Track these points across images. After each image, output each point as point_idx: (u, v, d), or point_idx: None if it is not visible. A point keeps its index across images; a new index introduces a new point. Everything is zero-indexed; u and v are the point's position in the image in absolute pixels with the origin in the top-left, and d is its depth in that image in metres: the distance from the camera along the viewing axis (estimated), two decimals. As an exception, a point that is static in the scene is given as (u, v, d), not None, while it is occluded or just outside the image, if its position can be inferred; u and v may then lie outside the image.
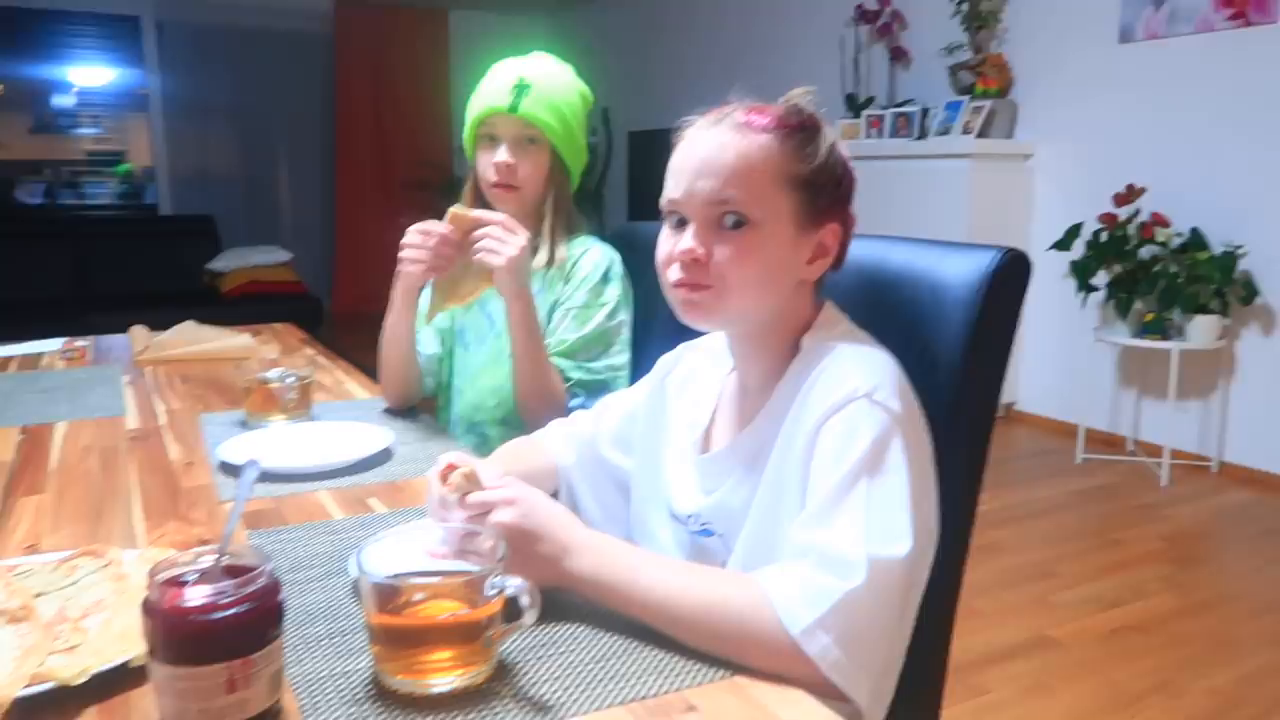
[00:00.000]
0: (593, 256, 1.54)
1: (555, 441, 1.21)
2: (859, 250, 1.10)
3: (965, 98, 4.44)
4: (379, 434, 1.32)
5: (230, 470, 1.21)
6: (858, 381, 0.84)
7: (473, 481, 0.86)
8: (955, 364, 1.00)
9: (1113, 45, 3.95)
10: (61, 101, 6.44)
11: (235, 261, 5.36)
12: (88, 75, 6.40)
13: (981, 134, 4.29)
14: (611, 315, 1.51)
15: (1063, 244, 3.83)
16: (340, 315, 6.30)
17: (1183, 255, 3.57)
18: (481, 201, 1.55)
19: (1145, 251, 3.67)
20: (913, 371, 0.92)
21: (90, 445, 1.35)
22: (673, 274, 0.95)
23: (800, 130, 0.92)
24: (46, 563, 0.86)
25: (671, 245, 0.95)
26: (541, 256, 1.52)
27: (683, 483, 1.04)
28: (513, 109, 1.47)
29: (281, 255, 5.49)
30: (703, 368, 1.10)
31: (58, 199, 6.45)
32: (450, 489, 0.85)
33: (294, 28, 6.47)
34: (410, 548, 0.78)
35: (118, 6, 6.11)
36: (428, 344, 1.62)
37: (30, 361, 1.94)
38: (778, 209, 0.91)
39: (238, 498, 0.73)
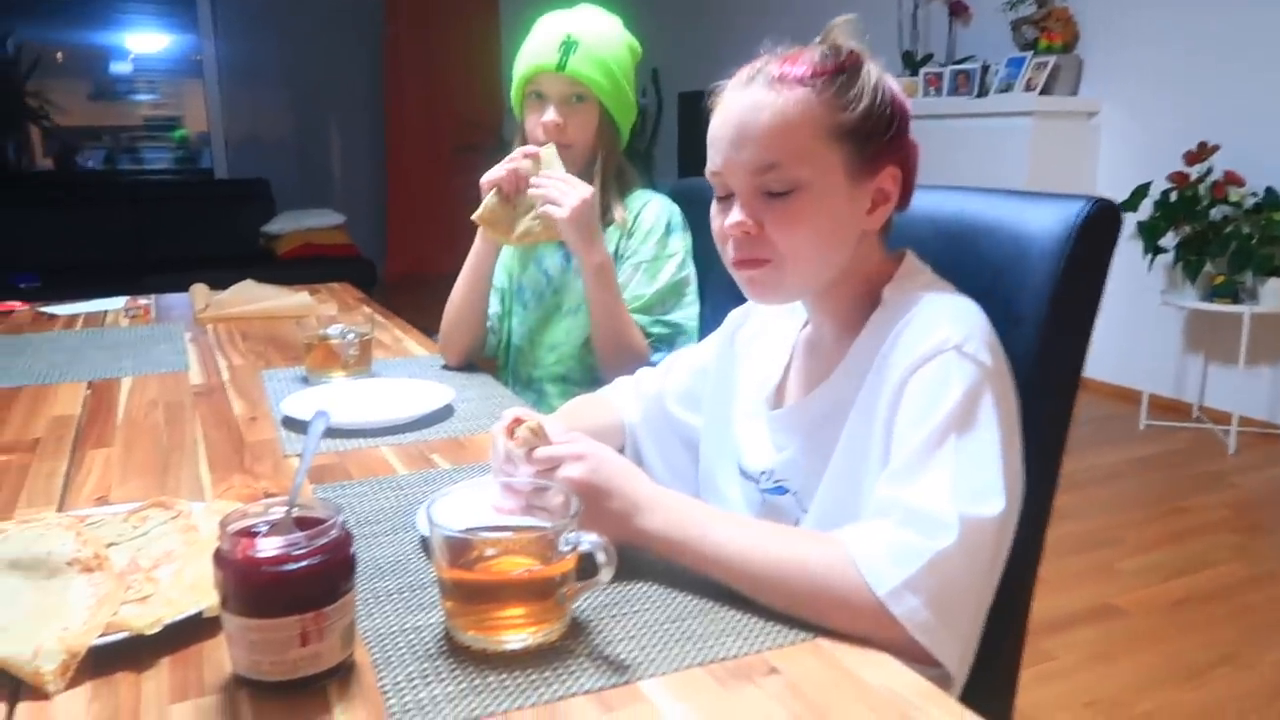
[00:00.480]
0: (653, 209, 1.51)
1: (621, 398, 1.19)
2: (934, 202, 1.06)
3: (1028, 53, 4.29)
4: (440, 391, 1.31)
5: (294, 425, 1.21)
6: (947, 332, 0.80)
7: (539, 436, 0.84)
8: (1039, 320, 0.95)
9: (1186, -4, 3.77)
10: (119, 68, 6.51)
11: (290, 224, 5.41)
12: (144, 42, 6.46)
13: (1045, 91, 4.14)
14: (681, 265, 1.49)
15: (1129, 204, 3.70)
16: (393, 278, 6.34)
17: (1257, 215, 3.43)
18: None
19: (1216, 212, 3.53)
20: (995, 327, 0.88)
21: (155, 400, 1.35)
22: (729, 251, 0.92)
23: (839, 74, 0.86)
24: (116, 514, 0.86)
25: (722, 220, 0.91)
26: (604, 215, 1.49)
27: (754, 439, 1.01)
28: (560, 67, 1.43)
29: (335, 218, 5.53)
30: (774, 322, 1.06)
31: (117, 164, 6.55)
32: (517, 443, 0.83)
33: (344, -10, 6.46)
34: (477, 503, 0.76)
35: (172, -28, 6.15)
36: (495, 302, 1.60)
37: (95, 319, 1.97)
38: (826, 165, 0.86)
39: (306, 449, 0.72)
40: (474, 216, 1.43)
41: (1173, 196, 3.59)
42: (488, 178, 1.43)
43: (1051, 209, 0.98)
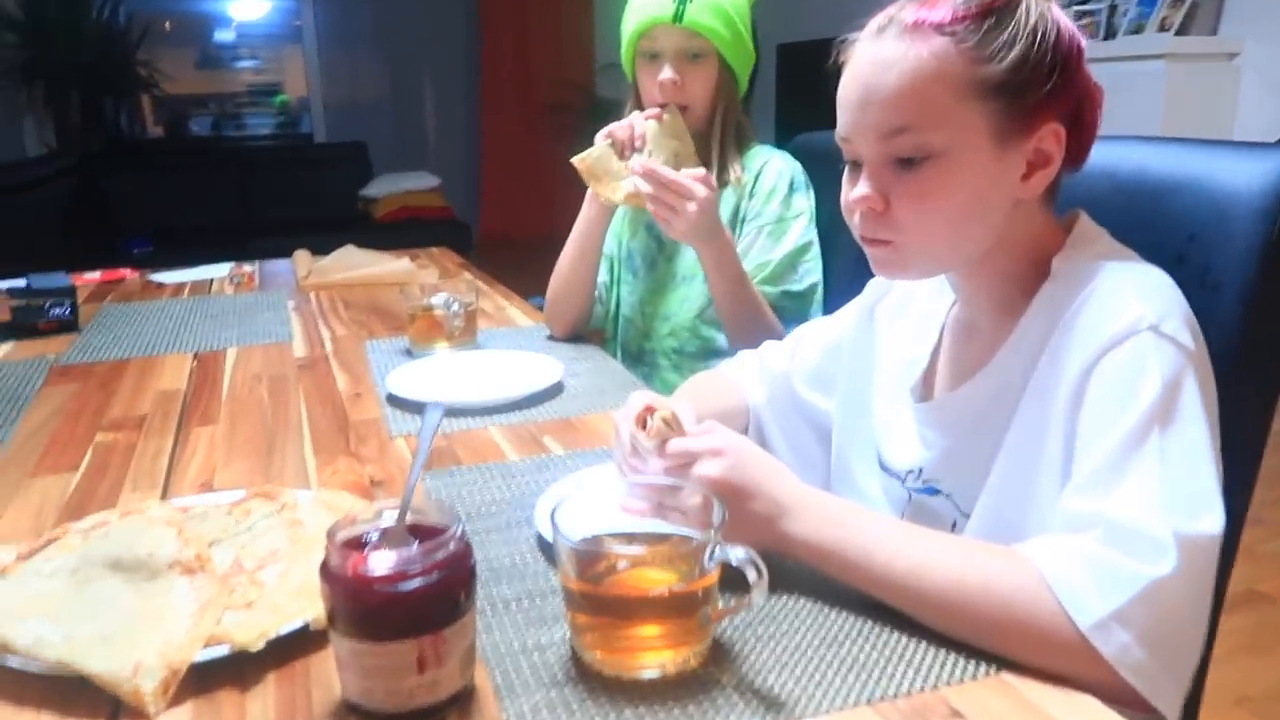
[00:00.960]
0: (775, 166, 1.40)
1: (745, 376, 1.09)
2: (1112, 155, 0.92)
3: (1161, -11, 3.96)
4: (549, 366, 1.23)
5: (398, 403, 1.15)
6: (1139, 309, 0.68)
7: (673, 427, 0.75)
8: (1245, 291, 0.82)
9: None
10: (223, 36, 6.63)
11: (387, 188, 5.43)
12: (244, 9, 6.55)
13: (1180, 31, 3.82)
14: (806, 229, 1.38)
15: (1277, 153, 3.39)
16: (487, 239, 6.33)
17: None
18: None
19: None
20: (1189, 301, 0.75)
21: (260, 373, 1.32)
22: (855, 224, 0.81)
23: (986, 16, 0.73)
24: (220, 505, 0.81)
25: (850, 189, 0.80)
26: (714, 177, 1.38)
27: (898, 432, 0.90)
28: (677, 18, 1.31)
29: (430, 180, 5.53)
30: (920, 296, 0.95)
31: (223, 131, 6.69)
32: (649, 435, 0.75)
33: (438, -50, 6.41)
34: (601, 499, 0.68)
35: (271, -63, 6.20)
36: (603, 271, 1.51)
37: (201, 287, 1.96)
38: (966, 128, 0.73)
39: (420, 447, 0.65)
40: (575, 159, 1.33)
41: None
42: (607, 129, 1.34)
43: (1256, 161, 0.84)
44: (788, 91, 5.52)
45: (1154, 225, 0.87)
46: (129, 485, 0.93)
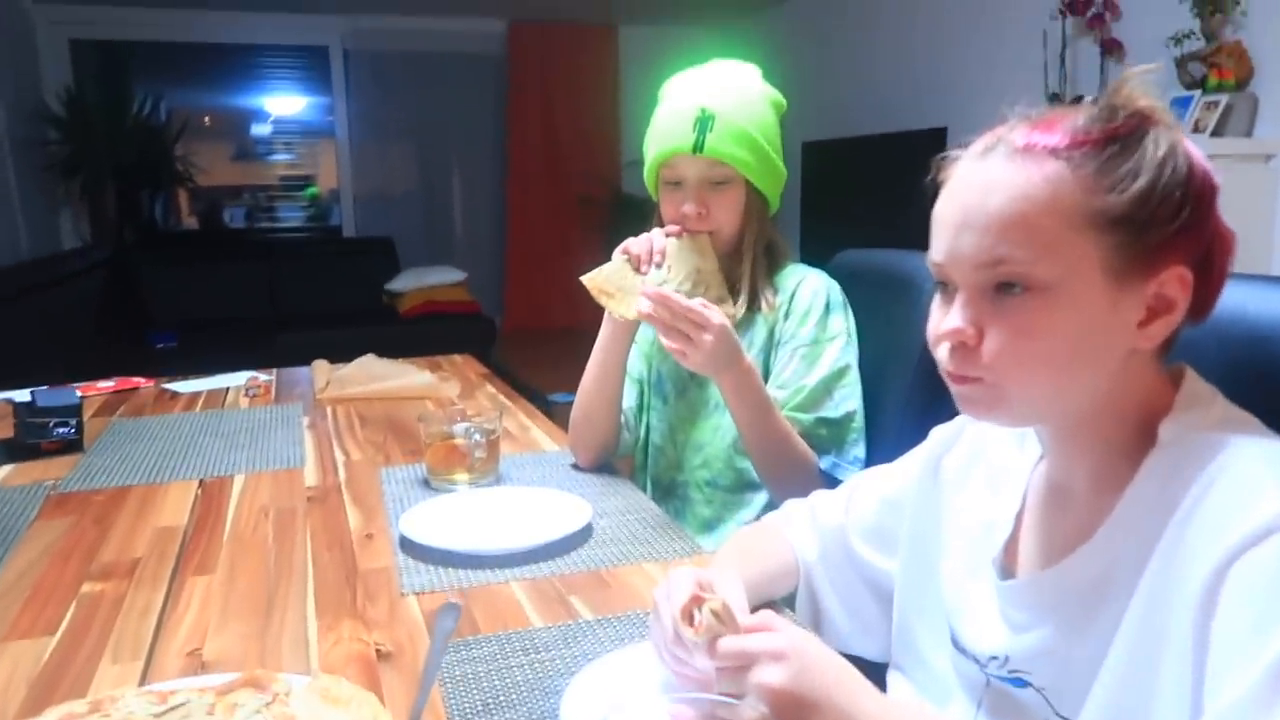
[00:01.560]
0: (810, 285, 1.32)
1: (795, 530, 0.99)
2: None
3: (1195, 92, 3.93)
4: (576, 507, 1.14)
5: (411, 549, 1.06)
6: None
7: (724, 621, 0.65)
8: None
9: (1389, 24, 3.38)
10: (259, 130, 6.77)
11: (413, 281, 5.43)
12: (282, 104, 6.71)
13: (1216, 132, 3.78)
14: (844, 350, 1.29)
15: (1321, 257, 3.30)
16: (511, 333, 6.31)
17: None
18: None
19: None
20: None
21: (267, 505, 1.23)
22: (941, 357, 0.72)
23: (1110, 143, 0.66)
24: (204, 690, 0.71)
25: (939, 317, 0.72)
26: (745, 302, 1.31)
27: (978, 610, 0.79)
28: (697, 148, 1.25)
29: (456, 275, 5.53)
30: (997, 449, 0.84)
31: (255, 222, 6.78)
32: (697, 632, 0.65)
33: (469, 50, 6.55)
34: (637, 693, 0.58)
35: (309, 38, 6.36)
36: (630, 396, 1.43)
37: (216, 398, 1.89)
38: (1078, 262, 0.65)
39: (431, 661, 0.55)
40: (585, 278, 1.26)
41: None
42: (623, 245, 1.28)
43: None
44: (811, 188, 5.54)
45: (1258, 379, 0.78)
46: (109, 655, 0.84)
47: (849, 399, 1.28)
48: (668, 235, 1.27)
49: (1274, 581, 0.55)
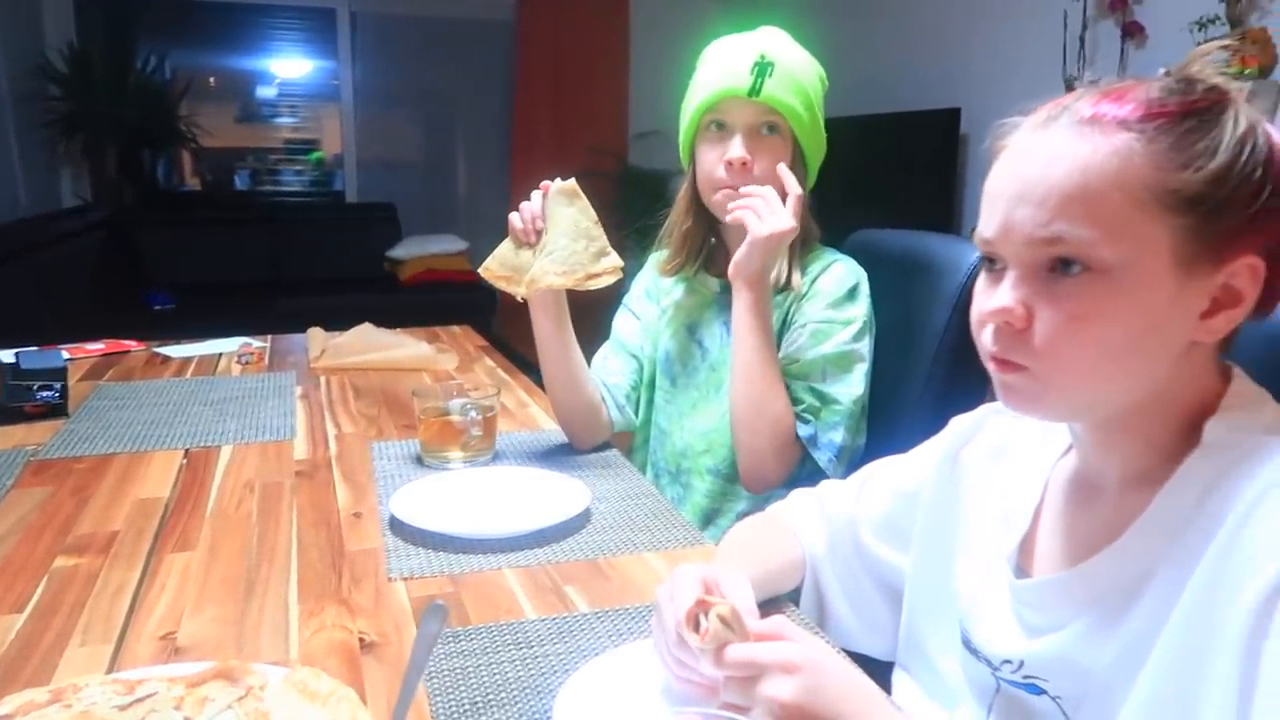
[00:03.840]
0: (836, 272, 1.26)
1: (802, 521, 0.94)
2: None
3: (1218, 78, 3.86)
4: (574, 491, 1.09)
5: (403, 532, 1.01)
6: None
7: (733, 627, 0.60)
8: None
9: None
10: (263, 92, 6.68)
11: (414, 249, 5.37)
12: (286, 67, 6.61)
13: (1237, 120, 3.70)
14: (856, 336, 1.22)
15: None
16: (512, 305, 6.26)
17: None
18: (699, 217, 1.29)
19: None
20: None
21: (253, 479, 1.19)
22: (985, 340, 0.66)
23: (1187, 117, 0.60)
24: (174, 681, 0.67)
25: (986, 298, 0.66)
26: (775, 277, 1.25)
27: (991, 609, 0.75)
28: (754, 92, 1.19)
29: (458, 244, 5.46)
30: (1019, 441, 0.80)
31: (258, 185, 6.71)
32: (704, 639, 0.60)
33: (477, 16, 6.44)
34: (635, 698, 0.54)
35: (315, -1, 6.27)
36: (614, 372, 1.38)
37: (208, 364, 1.84)
38: (1144, 244, 0.60)
39: (413, 667, 0.51)
40: (481, 269, 1.23)
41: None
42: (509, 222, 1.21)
43: None
44: (825, 167, 5.45)
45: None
46: (78, 637, 0.80)
47: (849, 385, 1.22)
48: (541, 191, 1.20)
49: None
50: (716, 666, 0.60)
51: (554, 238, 1.17)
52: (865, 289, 1.26)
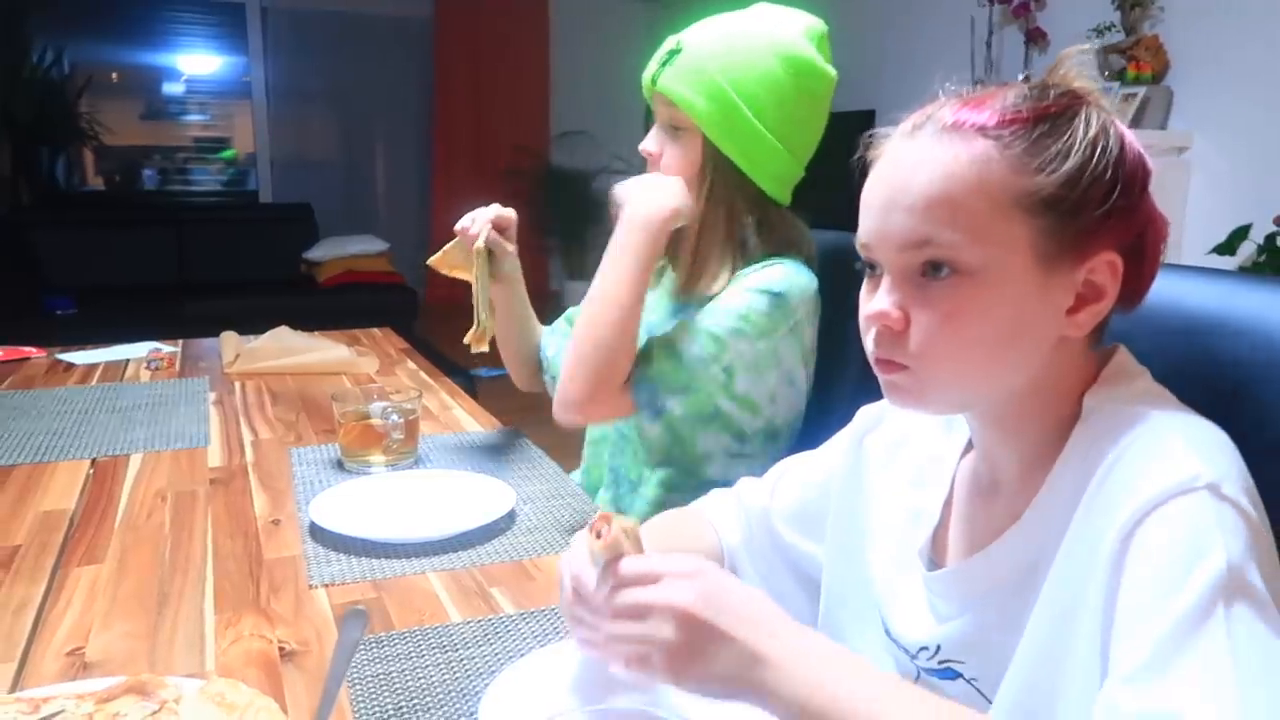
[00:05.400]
0: (768, 273, 1.13)
1: (719, 514, 0.96)
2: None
3: (1115, 83, 4.02)
4: (499, 492, 1.09)
5: (323, 538, 0.99)
6: (1194, 465, 0.56)
7: (633, 541, 0.62)
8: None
9: (1292, 24, 3.49)
10: (170, 89, 6.46)
11: (332, 250, 5.26)
12: (195, 63, 6.41)
13: (1132, 124, 3.86)
14: (737, 331, 1.11)
15: (1226, 247, 3.40)
16: (435, 306, 6.17)
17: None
18: None
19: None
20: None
21: (164, 488, 1.15)
22: (869, 343, 0.69)
23: (1039, 122, 0.63)
24: (81, 697, 0.65)
25: (865, 304, 0.69)
26: (677, 279, 1.19)
27: (905, 599, 0.77)
28: (653, 80, 1.14)
29: (378, 245, 5.36)
30: (923, 435, 0.82)
31: (165, 185, 6.48)
32: (603, 546, 0.61)
33: (395, 13, 6.34)
34: (557, 692, 0.54)
35: (224, -8, 6.09)
36: (554, 348, 1.33)
37: (114, 370, 1.78)
38: (1007, 245, 0.63)
39: (333, 675, 0.50)
40: (431, 261, 1.30)
41: (1279, 240, 3.30)
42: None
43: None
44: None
45: (1193, 369, 0.77)
46: (-22, 655, 0.76)
47: (719, 364, 1.12)
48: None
49: (1180, 541, 0.54)
50: (611, 580, 0.61)
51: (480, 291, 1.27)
52: (793, 299, 1.13)
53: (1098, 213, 0.63)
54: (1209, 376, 0.75)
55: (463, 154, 6.49)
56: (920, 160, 0.64)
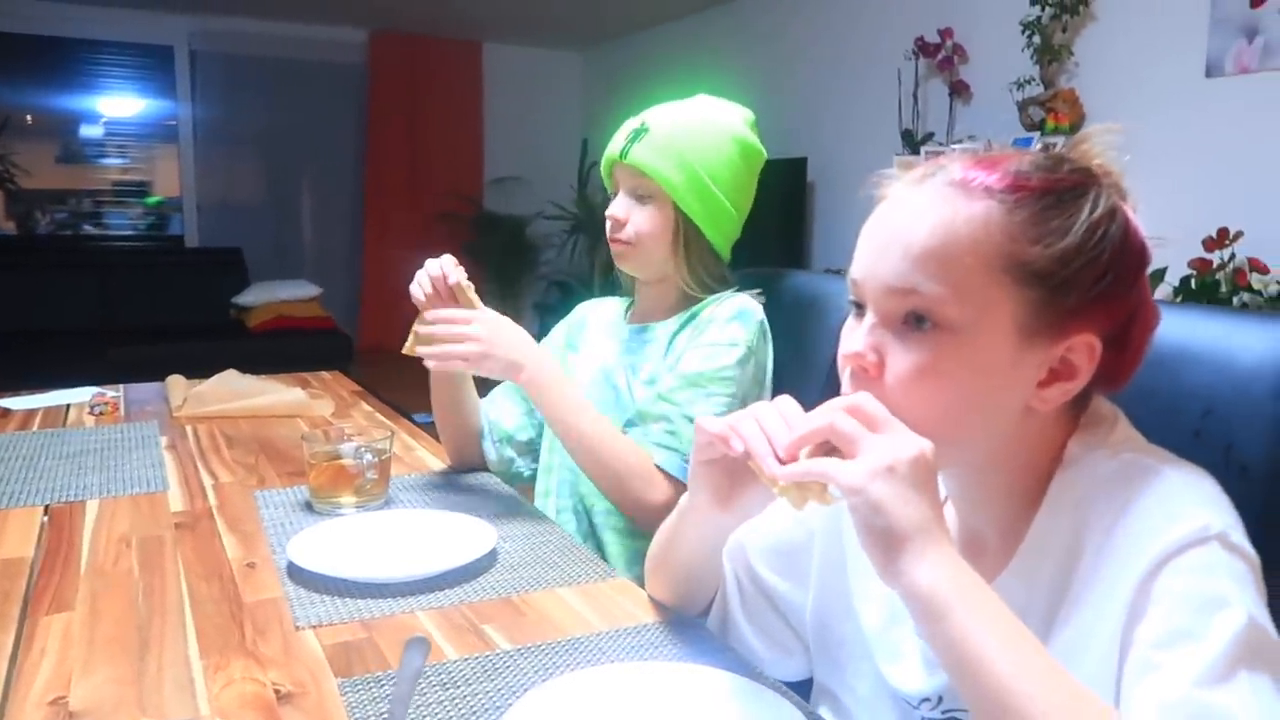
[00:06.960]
0: (732, 303, 1.28)
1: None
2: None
3: (1035, 134, 4.22)
4: (479, 530, 1.08)
5: (303, 580, 0.97)
6: (1204, 517, 0.60)
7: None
8: (1274, 472, 0.76)
9: (1198, 79, 3.72)
10: (89, 131, 6.30)
11: (263, 296, 5.16)
12: (117, 105, 6.26)
13: (1051, 173, 4.06)
14: (743, 359, 1.23)
15: (1144, 290, 3.58)
16: (367, 351, 6.08)
17: (1281, 304, 3.32)
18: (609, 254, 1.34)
19: (1237, 300, 3.42)
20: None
21: (128, 534, 1.11)
22: (845, 381, 0.71)
23: (1046, 194, 0.65)
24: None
25: (845, 341, 0.71)
26: (636, 310, 1.37)
27: (901, 651, 0.78)
28: (623, 155, 1.29)
29: (310, 289, 5.28)
30: None
31: (81, 229, 6.28)
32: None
33: (327, 59, 6.31)
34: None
35: (151, 36, 5.98)
36: (502, 412, 1.40)
37: (55, 416, 1.72)
38: (989, 309, 0.64)
39: (399, 697, 0.49)
40: (405, 349, 1.25)
41: (1193, 284, 3.48)
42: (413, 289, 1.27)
43: (1272, 330, 0.80)
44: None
45: (1164, 397, 0.82)
46: (-47, 709, 0.73)
47: (714, 397, 1.21)
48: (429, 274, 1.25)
49: (1193, 591, 0.57)
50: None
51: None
52: (755, 317, 1.26)
53: (1087, 295, 0.65)
54: (1181, 400, 0.80)
55: (395, 199, 6.46)
56: (922, 209, 0.66)
